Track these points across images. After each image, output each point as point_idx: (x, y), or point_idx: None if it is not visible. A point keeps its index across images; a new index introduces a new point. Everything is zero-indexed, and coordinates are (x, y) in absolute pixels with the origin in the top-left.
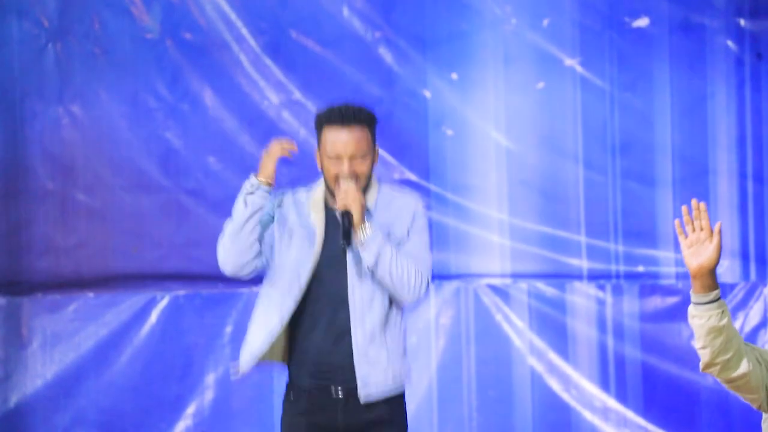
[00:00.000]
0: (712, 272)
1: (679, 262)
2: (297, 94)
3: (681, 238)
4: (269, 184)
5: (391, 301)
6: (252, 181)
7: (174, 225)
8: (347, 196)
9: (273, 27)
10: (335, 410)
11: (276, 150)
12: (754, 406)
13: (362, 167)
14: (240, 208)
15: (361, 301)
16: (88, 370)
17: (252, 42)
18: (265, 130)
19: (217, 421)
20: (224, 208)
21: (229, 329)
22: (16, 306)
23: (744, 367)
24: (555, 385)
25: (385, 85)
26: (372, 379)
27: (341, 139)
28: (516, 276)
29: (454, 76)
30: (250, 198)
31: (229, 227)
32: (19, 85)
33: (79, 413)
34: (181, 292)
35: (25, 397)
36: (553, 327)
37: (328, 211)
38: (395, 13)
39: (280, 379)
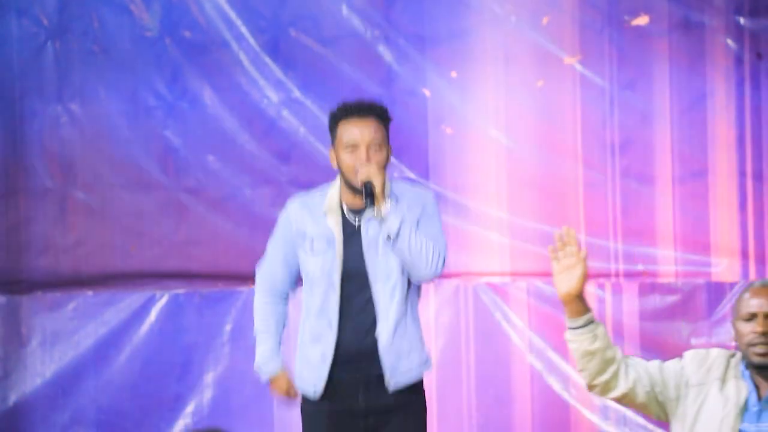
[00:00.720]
0: (579, 297)
1: (679, 261)
2: (296, 93)
3: (554, 264)
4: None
5: (408, 290)
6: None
7: (173, 223)
8: (369, 170)
9: (272, 25)
10: (356, 397)
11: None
12: (653, 418)
13: (379, 156)
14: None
15: (384, 296)
16: (87, 369)
17: (251, 40)
18: (265, 128)
19: (217, 419)
20: (223, 207)
21: (228, 327)
22: (15, 304)
23: (623, 387)
24: (554, 383)
25: (385, 83)
26: (399, 369)
27: (358, 129)
28: (515, 274)
29: (454, 74)
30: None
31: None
32: (19, 83)
33: (78, 412)
34: (181, 291)
35: (24, 395)
36: (552, 325)
37: (344, 214)
38: (395, 11)
39: None
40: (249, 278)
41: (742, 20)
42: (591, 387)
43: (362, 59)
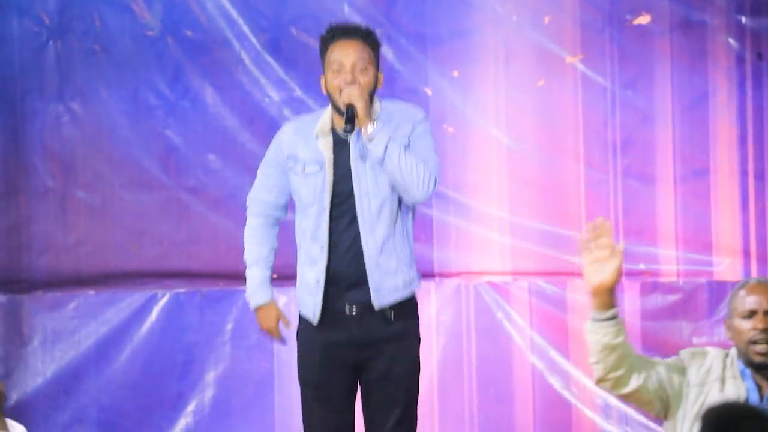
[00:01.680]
0: (610, 290)
1: (681, 260)
2: (298, 92)
3: (585, 254)
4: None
5: (399, 209)
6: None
7: (174, 223)
8: (351, 93)
9: (274, 24)
10: (350, 326)
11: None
12: (652, 415)
13: (365, 77)
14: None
15: (369, 213)
16: (88, 368)
17: (253, 39)
18: (266, 127)
19: (218, 418)
20: (224, 206)
21: (229, 327)
22: (16, 304)
23: (634, 383)
24: (556, 382)
25: (386, 82)
26: (384, 287)
27: (343, 49)
28: (517, 274)
29: (455, 73)
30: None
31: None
32: (20, 82)
33: (79, 411)
34: (182, 290)
35: (25, 394)
36: (554, 324)
37: (335, 135)
38: (396, 10)
39: (281, 376)
40: None
41: (743, 19)
42: (602, 380)
43: None
